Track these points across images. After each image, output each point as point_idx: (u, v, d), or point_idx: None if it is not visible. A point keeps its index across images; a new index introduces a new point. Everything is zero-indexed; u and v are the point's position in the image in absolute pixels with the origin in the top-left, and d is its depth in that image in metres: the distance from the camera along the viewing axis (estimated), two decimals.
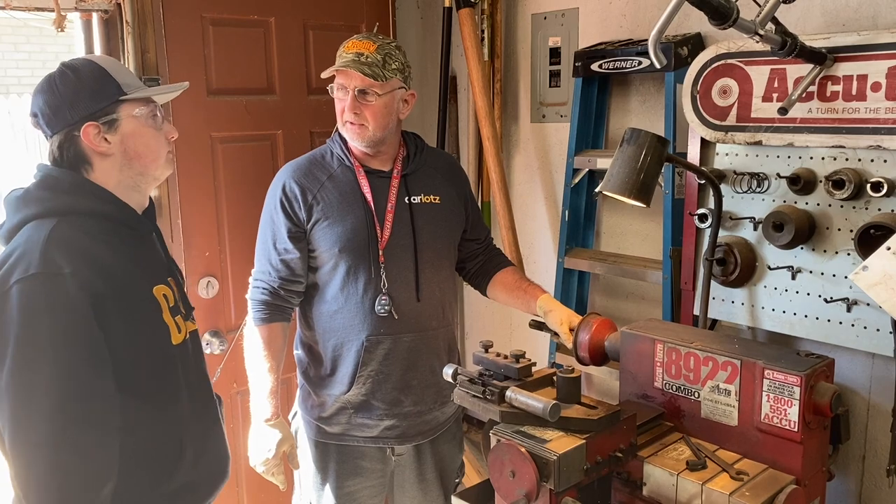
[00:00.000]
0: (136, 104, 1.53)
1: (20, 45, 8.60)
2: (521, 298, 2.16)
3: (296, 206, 2.03)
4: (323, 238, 2.02)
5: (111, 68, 1.54)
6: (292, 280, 2.06)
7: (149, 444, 1.54)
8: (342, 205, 2.03)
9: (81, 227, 1.47)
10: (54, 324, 1.38)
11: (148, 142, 1.56)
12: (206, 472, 1.67)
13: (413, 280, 2.08)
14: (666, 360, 1.78)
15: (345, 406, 2.09)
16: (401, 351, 2.07)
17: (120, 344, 1.46)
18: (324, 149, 2.13)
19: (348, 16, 2.94)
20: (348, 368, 2.07)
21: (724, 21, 1.53)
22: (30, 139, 7.24)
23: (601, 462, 1.55)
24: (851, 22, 1.98)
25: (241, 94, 2.71)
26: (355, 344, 2.05)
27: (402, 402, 2.09)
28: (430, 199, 2.13)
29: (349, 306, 2.04)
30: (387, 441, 2.13)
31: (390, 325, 2.05)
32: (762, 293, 2.07)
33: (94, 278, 1.42)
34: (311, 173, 2.06)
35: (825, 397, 1.61)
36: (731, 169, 2.11)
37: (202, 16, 2.59)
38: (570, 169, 2.60)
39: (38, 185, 1.52)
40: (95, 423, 1.41)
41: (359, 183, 2.05)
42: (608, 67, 2.43)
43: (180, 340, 1.61)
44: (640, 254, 2.58)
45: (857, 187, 1.85)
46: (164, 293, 1.59)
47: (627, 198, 1.85)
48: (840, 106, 1.87)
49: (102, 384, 1.42)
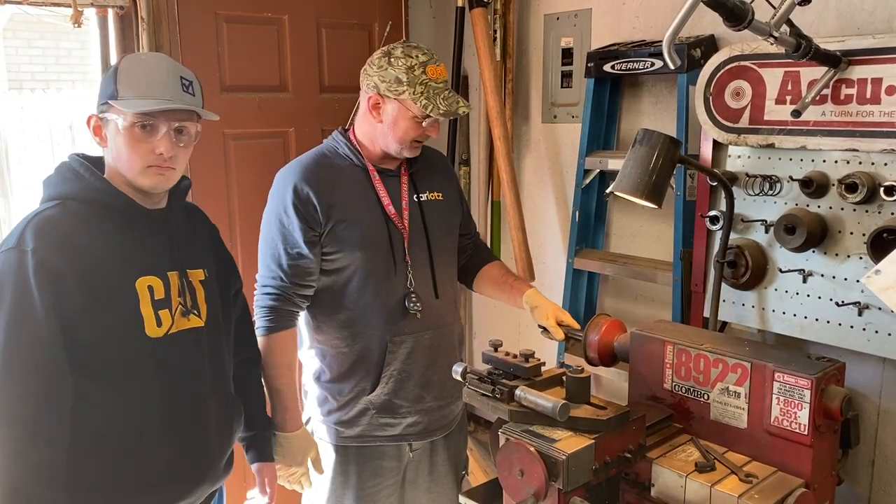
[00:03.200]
0: (121, 112, 1.56)
1: (34, 40, 8.65)
2: (507, 293, 2.19)
3: (311, 209, 1.97)
4: (341, 240, 1.99)
5: (124, 71, 1.58)
6: (304, 284, 2.01)
7: (103, 427, 1.56)
8: (359, 205, 2.01)
9: (71, 211, 1.56)
10: (10, 297, 1.47)
11: (121, 149, 1.58)
12: (175, 472, 1.65)
13: (430, 277, 2.08)
14: (676, 361, 1.78)
15: (367, 407, 2.07)
16: (422, 348, 2.06)
17: (79, 324, 1.51)
18: (326, 148, 2.09)
19: (361, 15, 2.95)
20: (371, 369, 2.05)
21: (740, 23, 1.53)
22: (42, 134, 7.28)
23: (610, 462, 1.55)
24: (866, 25, 1.97)
25: (254, 92, 2.72)
26: (379, 344, 2.03)
27: (425, 398, 2.09)
28: (434, 195, 2.14)
29: (371, 307, 2.02)
30: (408, 438, 2.12)
31: (412, 324, 2.05)
32: (773, 296, 2.06)
33: (58, 258, 1.49)
34: (321, 174, 2.02)
35: (836, 401, 1.60)
36: (743, 171, 2.10)
37: (216, 13, 2.60)
38: (582, 169, 2.60)
39: (54, 171, 1.63)
40: (33, 396, 1.48)
41: (372, 183, 2.04)
42: (621, 68, 2.42)
43: (160, 334, 1.61)
44: (651, 255, 2.58)
45: (871, 191, 1.85)
46: (151, 284, 1.60)
47: (639, 199, 1.85)
48: (854, 109, 1.86)
49: (46, 360, 1.49)
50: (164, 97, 1.56)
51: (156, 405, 1.62)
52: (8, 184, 7.00)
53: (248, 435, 1.95)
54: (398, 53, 1.95)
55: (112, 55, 2.48)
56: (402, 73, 1.92)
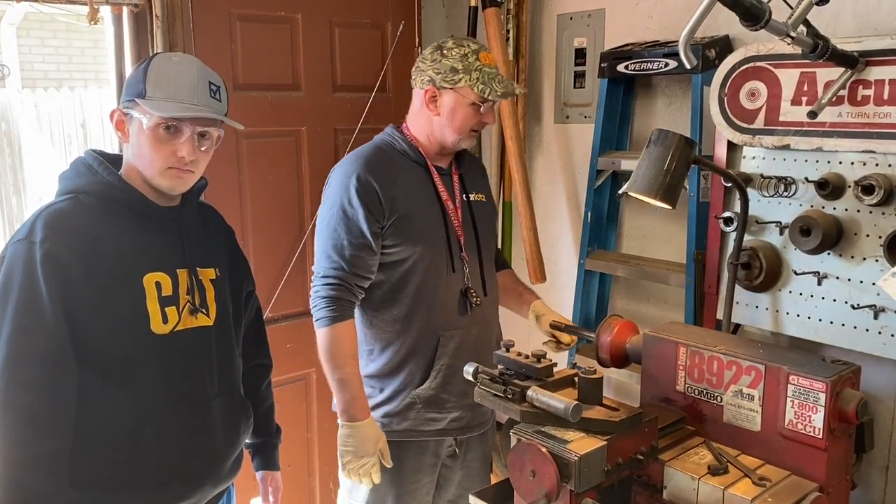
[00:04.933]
0: (146, 112, 1.56)
1: (47, 39, 8.71)
2: (515, 301, 2.29)
3: (376, 200, 1.98)
4: (402, 234, 2.00)
5: (153, 70, 1.58)
6: (364, 276, 2.01)
7: (106, 422, 1.56)
8: (419, 201, 2.04)
9: (84, 205, 1.57)
10: (18, 287, 1.48)
11: (143, 148, 1.59)
12: (177, 471, 1.64)
13: (479, 275, 2.13)
14: (689, 363, 1.77)
15: (414, 401, 2.07)
16: (469, 343, 2.09)
17: (85, 317, 1.51)
18: (384, 142, 2.10)
19: (374, 14, 2.95)
20: (422, 363, 2.06)
21: (757, 22, 1.52)
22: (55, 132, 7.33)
23: (622, 464, 1.54)
24: (884, 25, 1.95)
25: (266, 90, 2.73)
26: (431, 339, 2.05)
27: (468, 393, 2.08)
28: (479, 196, 2.19)
29: (428, 302, 2.04)
30: (451, 433, 2.13)
31: (463, 319, 2.08)
32: (787, 298, 2.05)
33: (65, 250, 1.50)
34: (384, 167, 2.03)
35: (851, 404, 1.59)
36: (757, 173, 2.09)
37: (230, 11, 2.61)
38: (594, 170, 2.59)
39: (70, 166, 1.65)
40: (37, 386, 1.48)
41: (431, 179, 2.07)
42: (634, 69, 2.41)
43: (167, 331, 1.61)
44: (663, 257, 2.57)
45: (887, 193, 1.83)
46: (158, 281, 1.60)
47: (653, 199, 1.84)
48: (871, 110, 1.85)
49: (49, 350, 1.48)
50: (192, 101, 1.57)
51: (159, 402, 1.61)
52: (21, 181, 7.05)
53: (254, 442, 1.95)
54: (450, 45, 2.01)
55: (126, 53, 2.49)
56: (458, 62, 1.98)
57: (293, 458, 2.21)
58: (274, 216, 2.77)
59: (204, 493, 1.72)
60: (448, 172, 2.13)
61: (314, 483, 3.00)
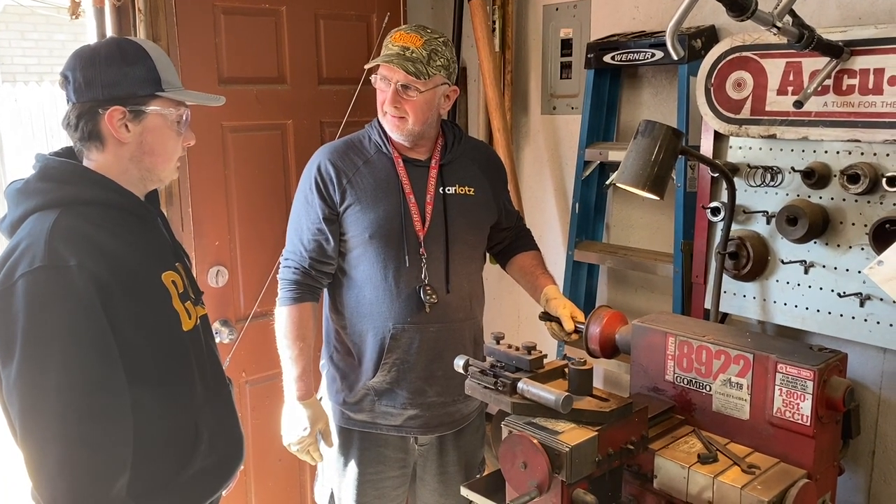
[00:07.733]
0: (169, 104, 1.52)
1: (27, 32, 8.60)
2: (531, 283, 2.24)
3: (330, 188, 2.04)
4: (354, 223, 2.03)
5: (158, 60, 1.51)
6: (322, 261, 2.07)
7: (165, 432, 1.54)
8: (376, 191, 2.04)
9: (85, 217, 1.45)
10: (61, 317, 1.36)
11: (165, 143, 1.54)
12: (223, 456, 1.66)
13: (443, 271, 2.09)
14: (677, 353, 1.78)
15: (368, 392, 2.11)
16: (426, 341, 2.08)
17: (129, 334, 1.44)
18: (362, 134, 2.14)
19: (360, 6, 2.93)
20: (373, 355, 2.09)
21: (743, 13, 1.52)
22: (36, 127, 7.25)
23: (612, 454, 1.55)
24: (868, 15, 1.96)
25: (251, 84, 2.70)
26: (381, 331, 2.06)
27: (426, 391, 2.10)
28: (464, 190, 2.14)
29: (377, 294, 2.05)
30: (410, 430, 2.14)
31: (419, 316, 2.06)
32: (774, 287, 2.06)
33: (100, 269, 1.40)
34: (347, 156, 2.07)
35: (838, 392, 1.61)
36: (744, 162, 2.10)
37: (214, 4, 2.58)
38: (581, 161, 2.59)
39: (38, 176, 1.50)
40: (105, 416, 1.39)
41: (396, 171, 2.06)
42: (621, 59, 2.41)
43: (191, 326, 1.61)
44: (651, 247, 2.57)
45: (873, 182, 1.84)
46: (173, 279, 1.59)
47: (641, 190, 1.85)
48: (856, 100, 1.86)
49: (111, 377, 1.40)
50: (183, 86, 1.56)
51: (201, 398, 1.61)
52: (2, 175, 6.97)
53: None
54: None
55: None
56: None
57: (284, 454, 2.21)
58: (260, 210, 2.75)
59: (237, 471, 1.74)
60: (426, 164, 2.10)
61: (304, 478, 2.99)
